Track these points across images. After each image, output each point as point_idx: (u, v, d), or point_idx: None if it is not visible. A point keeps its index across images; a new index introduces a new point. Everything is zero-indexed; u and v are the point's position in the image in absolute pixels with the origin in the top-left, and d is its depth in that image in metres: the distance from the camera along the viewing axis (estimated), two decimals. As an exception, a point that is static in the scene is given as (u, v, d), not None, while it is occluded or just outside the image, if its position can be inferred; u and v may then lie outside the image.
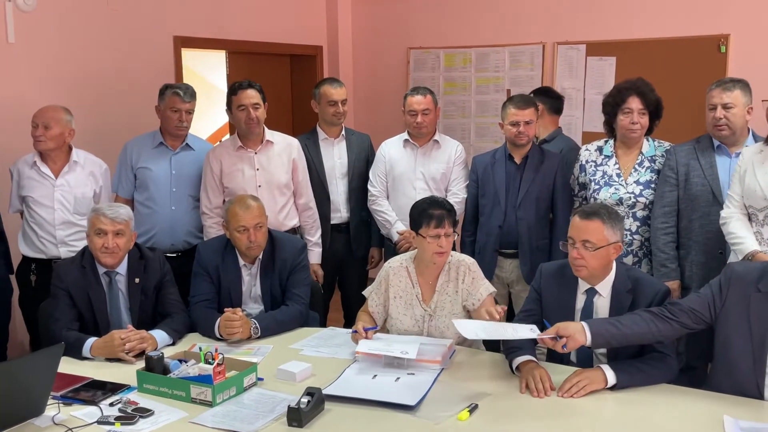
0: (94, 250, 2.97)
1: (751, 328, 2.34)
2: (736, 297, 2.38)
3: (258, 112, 3.72)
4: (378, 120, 5.82)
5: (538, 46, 5.36)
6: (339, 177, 4.13)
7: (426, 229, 2.85)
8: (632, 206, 3.42)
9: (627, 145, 3.49)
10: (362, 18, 6.12)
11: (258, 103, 3.72)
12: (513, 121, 3.58)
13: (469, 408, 2.29)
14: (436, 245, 2.85)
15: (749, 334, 2.34)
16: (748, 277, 2.38)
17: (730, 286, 2.40)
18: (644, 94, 3.39)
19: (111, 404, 2.38)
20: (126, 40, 4.54)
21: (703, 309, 2.42)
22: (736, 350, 2.37)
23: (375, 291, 3.03)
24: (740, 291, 2.38)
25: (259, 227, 3.12)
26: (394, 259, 3.09)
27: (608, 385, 2.41)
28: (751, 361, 2.34)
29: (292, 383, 2.53)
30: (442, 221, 2.84)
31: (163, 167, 3.80)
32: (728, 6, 4.66)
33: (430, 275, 2.97)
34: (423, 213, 2.88)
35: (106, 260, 2.97)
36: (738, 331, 2.36)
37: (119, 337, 2.76)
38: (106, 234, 2.93)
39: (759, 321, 2.33)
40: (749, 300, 2.36)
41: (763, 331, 2.32)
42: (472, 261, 2.99)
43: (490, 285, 2.99)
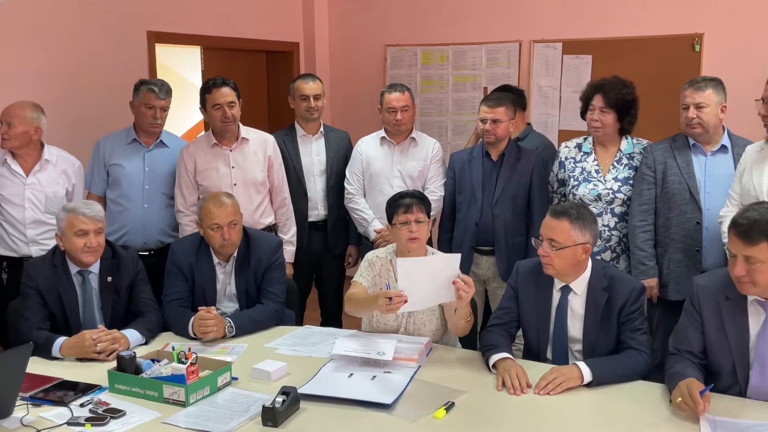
0: (74, 250, 2.90)
1: (727, 336, 2.35)
2: (708, 309, 2.39)
3: (233, 110, 3.67)
4: (355, 117, 5.80)
5: (514, 44, 5.37)
6: (317, 174, 4.10)
7: (397, 217, 2.88)
8: (610, 202, 3.43)
9: (601, 143, 3.50)
10: (339, 14, 6.09)
11: (233, 101, 3.68)
12: (482, 118, 3.60)
13: (445, 406, 2.28)
14: (407, 231, 2.85)
15: (727, 343, 2.35)
16: (714, 287, 2.40)
17: (699, 300, 2.42)
18: (607, 92, 3.41)
19: (81, 405, 2.33)
20: (99, 34, 4.48)
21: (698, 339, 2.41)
22: (718, 359, 2.38)
23: (363, 276, 2.99)
24: (711, 302, 2.39)
25: (233, 225, 3.09)
26: (379, 250, 3.08)
27: (584, 382, 2.42)
28: (732, 367, 2.35)
29: (267, 382, 2.50)
30: (410, 207, 2.87)
31: (136, 164, 3.74)
32: (702, 5, 4.72)
33: None
34: (393, 203, 2.93)
35: (89, 259, 2.93)
36: (716, 341, 2.37)
37: (90, 337, 2.71)
38: (87, 234, 2.89)
39: (734, 327, 2.34)
40: (721, 309, 2.37)
41: (739, 337, 2.34)
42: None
43: None
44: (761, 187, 2.85)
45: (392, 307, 2.55)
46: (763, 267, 2.20)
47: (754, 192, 2.88)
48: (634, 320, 2.59)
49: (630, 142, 3.50)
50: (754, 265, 2.20)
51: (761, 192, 2.84)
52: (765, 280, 2.22)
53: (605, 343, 2.61)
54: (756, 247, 2.19)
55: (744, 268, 2.22)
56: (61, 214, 2.94)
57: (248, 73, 5.69)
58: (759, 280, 2.22)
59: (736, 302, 2.35)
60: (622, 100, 3.41)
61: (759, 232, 2.18)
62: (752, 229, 2.19)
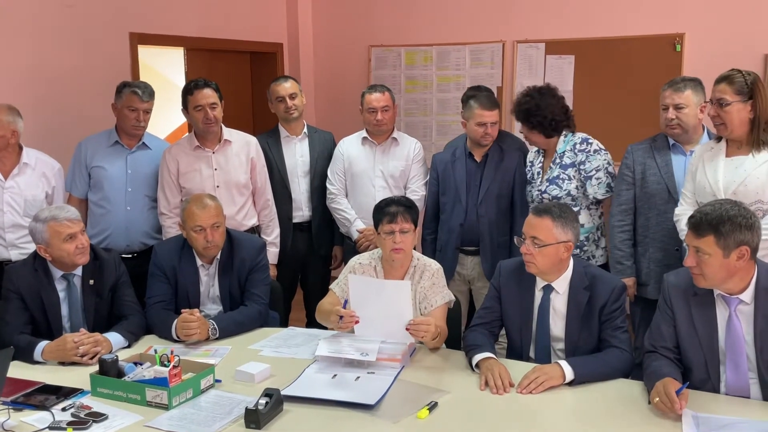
0: (66, 256, 2.88)
1: (697, 331, 2.39)
2: (678, 306, 2.44)
3: (215, 112, 3.66)
4: (340, 118, 5.79)
5: (498, 44, 5.39)
6: (301, 175, 4.10)
7: (382, 226, 2.88)
8: (540, 202, 3.50)
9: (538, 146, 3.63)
10: (323, 15, 6.08)
11: (215, 103, 3.67)
12: (480, 122, 3.60)
13: (428, 406, 2.29)
14: (391, 241, 2.85)
15: (697, 338, 2.39)
16: (684, 284, 2.44)
17: (671, 297, 2.46)
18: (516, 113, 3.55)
19: (63, 409, 2.32)
20: (80, 36, 4.44)
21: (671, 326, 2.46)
22: (690, 354, 2.42)
23: (339, 284, 2.99)
24: (680, 299, 2.44)
25: (216, 227, 3.08)
26: (363, 255, 3.07)
27: (566, 381, 2.44)
28: (704, 362, 2.38)
29: (251, 384, 2.50)
30: (395, 217, 2.85)
31: (119, 166, 3.71)
32: (683, 6, 4.75)
33: (396, 275, 2.96)
34: (380, 211, 2.91)
35: (82, 260, 2.92)
36: (688, 337, 2.41)
37: (72, 340, 2.70)
38: (76, 236, 2.88)
39: (703, 322, 2.38)
40: (690, 305, 2.41)
41: (708, 332, 2.37)
42: (438, 268, 2.98)
43: (449, 294, 2.98)
44: (717, 183, 2.91)
45: (342, 326, 2.62)
46: (710, 260, 2.28)
47: (709, 188, 2.93)
48: (615, 319, 2.61)
49: (565, 140, 3.54)
50: (703, 257, 2.29)
51: (717, 188, 2.90)
52: (711, 273, 2.30)
53: (587, 341, 2.63)
54: (703, 239, 2.28)
55: (694, 260, 2.32)
56: (39, 225, 2.89)
57: (232, 75, 5.67)
58: (706, 273, 2.30)
59: (704, 297, 2.39)
60: (520, 113, 3.52)
61: (707, 225, 2.28)
62: (702, 222, 2.29)
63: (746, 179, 2.84)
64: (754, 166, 2.85)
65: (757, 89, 2.82)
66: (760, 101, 2.81)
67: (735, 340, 2.34)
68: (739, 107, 2.83)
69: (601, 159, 3.45)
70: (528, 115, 3.49)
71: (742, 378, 2.35)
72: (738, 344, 2.34)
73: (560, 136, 3.53)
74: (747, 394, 2.35)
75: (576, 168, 3.47)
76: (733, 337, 2.34)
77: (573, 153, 3.49)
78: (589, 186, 3.44)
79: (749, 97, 2.82)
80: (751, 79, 2.83)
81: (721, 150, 2.96)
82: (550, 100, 3.50)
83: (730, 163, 2.91)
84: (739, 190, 2.83)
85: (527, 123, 3.51)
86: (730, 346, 2.34)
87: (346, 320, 2.64)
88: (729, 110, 2.84)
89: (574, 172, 3.47)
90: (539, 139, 3.54)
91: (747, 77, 2.83)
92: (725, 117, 2.86)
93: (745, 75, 2.84)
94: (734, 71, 2.88)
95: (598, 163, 3.44)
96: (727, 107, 2.84)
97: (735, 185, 2.86)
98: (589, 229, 3.48)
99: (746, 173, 2.85)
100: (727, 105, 2.84)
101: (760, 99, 2.81)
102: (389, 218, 2.86)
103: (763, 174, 2.83)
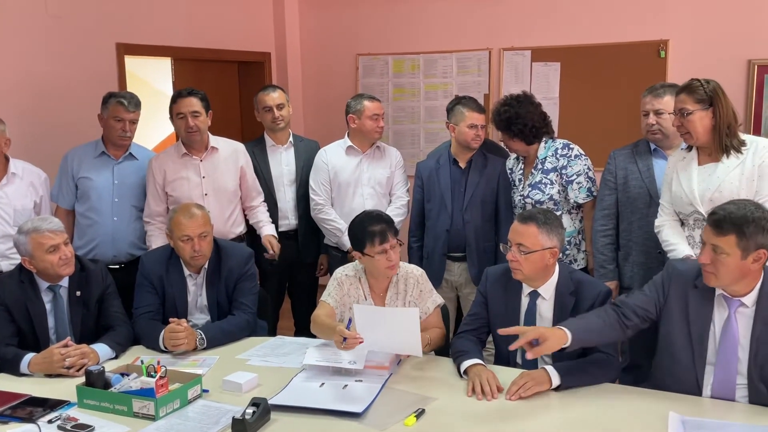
0: (50, 268, 2.88)
1: (689, 324, 2.40)
2: (676, 294, 2.44)
3: (198, 120, 3.66)
4: (327, 126, 5.79)
5: (484, 52, 5.42)
6: (287, 184, 4.10)
7: (372, 248, 2.84)
8: (523, 207, 3.55)
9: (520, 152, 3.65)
10: (310, 24, 6.10)
11: (198, 111, 3.67)
12: (472, 124, 3.62)
13: (415, 413, 2.29)
14: (386, 260, 2.85)
15: (688, 330, 2.40)
16: (688, 274, 2.44)
17: (671, 282, 2.46)
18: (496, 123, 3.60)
19: (50, 421, 2.31)
20: (66, 46, 4.44)
21: (650, 306, 2.48)
22: (677, 346, 2.43)
23: (331, 296, 2.98)
24: (680, 288, 2.44)
25: (203, 236, 3.08)
26: (348, 267, 3.06)
27: (553, 386, 2.44)
28: (691, 357, 2.40)
29: (238, 394, 2.49)
30: (386, 236, 2.84)
31: (105, 177, 3.71)
32: (667, 13, 4.80)
33: (380, 288, 2.97)
34: (364, 232, 2.86)
35: (67, 271, 2.92)
36: (678, 327, 2.42)
37: (59, 352, 2.69)
38: (59, 247, 2.88)
39: (697, 317, 2.39)
40: (688, 297, 2.42)
41: (701, 327, 2.38)
42: (420, 273, 3.00)
43: (438, 297, 3.01)
44: (692, 192, 2.94)
45: (346, 347, 2.56)
46: (727, 259, 2.26)
47: (686, 197, 2.96)
48: (601, 324, 2.62)
49: (544, 147, 3.58)
50: (720, 255, 2.27)
51: (693, 197, 2.93)
52: (725, 273, 2.28)
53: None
54: (724, 238, 2.26)
55: (709, 257, 2.29)
56: (21, 237, 2.89)
57: (220, 84, 5.68)
58: (720, 272, 2.29)
59: (704, 293, 2.39)
60: (500, 122, 3.56)
61: (730, 224, 2.25)
62: (725, 220, 2.26)
63: (720, 185, 2.87)
64: (726, 171, 2.89)
65: (716, 96, 2.87)
66: (720, 108, 2.87)
67: (730, 342, 2.34)
68: (701, 115, 2.88)
69: (582, 164, 3.50)
70: (509, 123, 3.52)
71: (729, 380, 2.35)
72: (732, 346, 2.34)
73: (540, 142, 3.56)
74: (732, 396, 2.36)
75: (558, 173, 3.50)
76: (728, 338, 2.34)
77: (555, 158, 3.52)
78: (571, 190, 3.48)
79: (709, 104, 2.87)
80: (710, 87, 2.89)
81: (693, 158, 3.00)
82: (528, 107, 3.54)
83: (703, 170, 2.96)
84: (715, 196, 2.86)
85: (508, 131, 3.54)
86: (724, 346, 2.35)
87: (350, 342, 2.54)
88: (691, 119, 2.89)
89: (556, 176, 3.51)
90: (520, 146, 3.57)
91: (706, 86, 2.89)
92: (688, 126, 2.90)
93: (704, 83, 2.90)
94: (694, 81, 2.93)
95: (579, 168, 3.49)
96: (689, 116, 2.89)
97: (710, 192, 2.89)
98: (571, 233, 3.51)
99: (720, 180, 2.89)
100: (689, 114, 2.89)
101: (720, 106, 2.87)
102: (380, 238, 2.83)
103: (736, 179, 2.87)
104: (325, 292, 3.01)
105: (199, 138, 3.72)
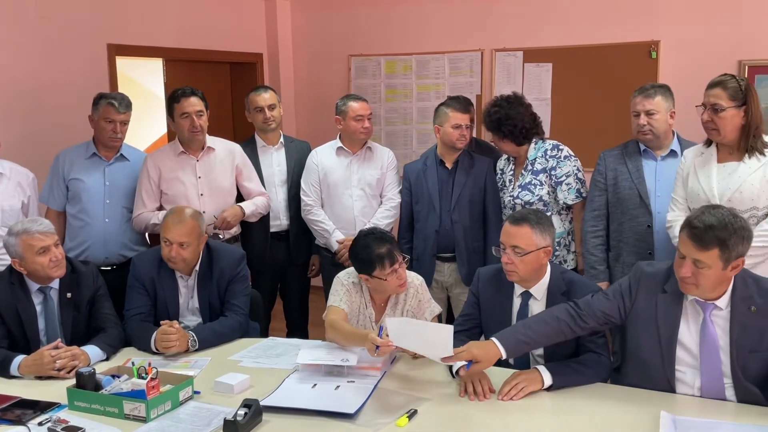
0: (40, 270, 2.86)
1: (658, 328, 2.39)
2: (644, 297, 2.42)
3: (201, 120, 3.68)
4: (320, 127, 5.79)
5: (476, 53, 5.43)
6: (278, 185, 4.10)
7: (382, 271, 2.80)
8: (513, 208, 3.55)
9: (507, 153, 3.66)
10: (302, 25, 6.10)
11: (201, 111, 3.69)
12: (456, 124, 3.62)
13: (408, 414, 2.29)
14: (396, 279, 2.83)
15: (657, 334, 2.39)
16: (656, 277, 2.42)
17: (639, 286, 2.44)
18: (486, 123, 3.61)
19: (40, 423, 2.30)
20: (58, 48, 4.42)
21: (613, 312, 2.46)
22: (646, 349, 2.41)
23: (343, 300, 2.91)
24: (648, 292, 2.42)
25: (183, 246, 3.04)
26: (350, 273, 2.99)
27: (545, 386, 2.45)
28: (660, 360, 2.39)
29: (230, 395, 2.49)
30: (393, 257, 2.80)
31: (96, 178, 3.69)
32: (658, 13, 4.81)
33: (381, 298, 2.96)
34: (372, 256, 2.79)
35: (58, 273, 2.90)
36: (647, 331, 2.41)
37: (49, 354, 2.67)
38: (49, 249, 2.86)
39: (666, 321, 2.38)
40: (656, 300, 2.40)
41: (670, 331, 2.37)
42: (420, 281, 2.99)
43: (436, 306, 3.00)
44: (711, 190, 2.90)
45: (379, 354, 2.51)
46: (709, 272, 2.23)
47: (704, 195, 2.91)
48: (593, 324, 2.62)
49: (534, 148, 3.59)
50: (702, 269, 2.23)
51: (712, 195, 2.88)
52: (707, 284, 2.26)
53: (565, 346, 2.64)
54: (707, 253, 2.20)
55: (690, 270, 2.25)
56: (11, 239, 2.87)
57: (212, 85, 5.64)
58: (702, 283, 2.25)
59: (673, 297, 2.38)
60: (491, 123, 3.56)
61: (713, 238, 2.19)
62: (706, 234, 2.19)
63: (741, 186, 2.82)
64: (748, 172, 2.83)
65: (750, 95, 2.80)
66: (752, 107, 2.79)
67: (710, 346, 2.33)
68: (733, 113, 2.80)
69: (571, 165, 3.51)
70: (499, 124, 3.53)
71: (717, 382, 2.34)
72: (713, 349, 2.33)
73: (530, 143, 3.57)
74: (722, 398, 2.36)
75: (547, 174, 3.51)
76: (708, 342, 2.33)
77: (544, 159, 3.53)
78: (560, 191, 3.49)
79: (743, 103, 2.80)
80: (744, 84, 2.80)
81: (713, 155, 2.94)
82: (519, 108, 3.55)
83: (722, 169, 2.90)
84: (735, 197, 2.80)
85: (498, 132, 3.55)
86: (706, 350, 2.34)
87: (383, 350, 2.50)
88: (723, 116, 2.81)
89: (545, 177, 3.51)
90: (510, 147, 3.58)
91: (741, 82, 2.80)
92: (719, 123, 2.82)
93: (738, 80, 2.81)
94: (727, 76, 2.84)
95: (569, 169, 3.50)
96: (721, 113, 2.80)
97: (730, 192, 2.84)
98: (561, 233, 3.52)
99: (741, 180, 2.83)
100: (721, 111, 2.80)
101: (753, 105, 2.79)
102: (390, 261, 2.78)
103: (758, 181, 2.81)
104: (334, 297, 2.92)
105: (201, 137, 3.72)
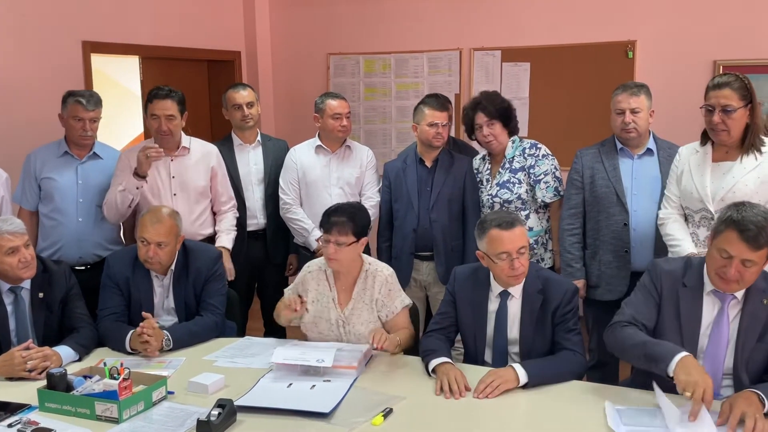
0: (9, 270, 2.82)
1: (681, 323, 2.39)
2: (667, 293, 2.43)
3: (171, 124, 3.60)
4: (298, 126, 5.77)
5: (455, 52, 5.43)
6: (255, 183, 4.07)
7: (322, 234, 2.89)
8: (491, 207, 3.57)
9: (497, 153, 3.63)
10: (281, 23, 6.07)
11: (172, 115, 3.60)
12: (431, 122, 3.62)
13: (383, 412, 2.28)
14: (325, 251, 2.86)
15: (679, 329, 2.39)
16: (675, 273, 2.44)
17: (661, 282, 2.45)
18: (486, 107, 3.55)
19: (10, 425, 2.26)
20: (32, 46, 4.36)
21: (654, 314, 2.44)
22: None
23: (293, 291, 3.01)
24: (669, 287, 2.43)
25: (161, 245, 3.01)
26: (314, 261, 3.06)
27: (520, 384, 2.45)
28: None
29: (204, 396, 2.46)
30: (331, 228, 2.82)
31: (69, 177, 3.63)
32: (634, 14, 4.85)
33: (347, 281, 2.95)
34: (323, 217, 2.91)
35: (27, 274, 2.86)
36: (669, 327, 2.41)
37: (20, 354, 2.63)
38: (18, 250, 2.81)
39: (688, 315, 2.39)
40: (678, 296, 2.41)
41: (692, 325, 2.38)
42: (390, 272, 2.97)
43: (406, 298, 2.99)
44: (705, 189, 2.89)
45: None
46: (756, 268, 2.26)
47: (697, 194, 2.92)
48: (568, 321, 2.64)
49: (511, 146, 3.60)
50: (750, 267, 2.25)
51: (705, 194, 2.89)
52: (752, 279, 2.29)
53: (541, 344, 2.65)
54: (758, 252, 2.23)
55: (738, 269, 2.25)
56: None
57: (189, 83, 5.60)
58: (748, 279, 2.28)
59: (693, 290, 2.39)
60: (501, 108, 3.56)
61: (766, 238, 2.21)
62: (760, 235, 2.21)
63: (734, 186, 2.82)
64: (743, 173, 2.83)
65: (753, 94, 2.79)
66: (756, 106, 2.79)
67: (720, 335, 2.34)
68: (742, 113, 2.78)
69: (549, 164, 3.53)
70: (508, 112, 3.55)
71: (716, 373, 2.34)
72: (722, 339, 2.34)
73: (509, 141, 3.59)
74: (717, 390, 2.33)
75: (525, 172, 3.52)
76: (719, 331, 2.34)
77: (523, 157, 3.54)
78: (538, 190, 3.51)
79: (749, 102, 2.78)
80: (748, 82, 2.78)
81: (707, 154, 2.92)
82: (498, 96, 3.67)
83: (717, 168, 2.89)
84: (728, 197, 2.79)
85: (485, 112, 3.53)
86: (714, 339, 2.34)
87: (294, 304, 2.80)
88: (735, 117, 2.76)
89: (523, 176, 3.52)
90: (505, 139, 3.58)
91: (745, 81, 2.77)
92: (731, 124, 2.77)
93: (742, 78, 2.78)
94: (730, 76, 2.80)
95: (547, 168, 3.51)
96: (733, 114, 2.76)
97: (723, 192, 2.84)
98: (538, 232, 3.53)
99: (734, 180, 2.83)
100: (733, 111, 2.75)
101: (756, 104, 2.79)
102: (326, 228, 2.85)
103: (752, 181, 2.81)
104: (290, 286, 3.06)
105: (171, 140, 3.67)
